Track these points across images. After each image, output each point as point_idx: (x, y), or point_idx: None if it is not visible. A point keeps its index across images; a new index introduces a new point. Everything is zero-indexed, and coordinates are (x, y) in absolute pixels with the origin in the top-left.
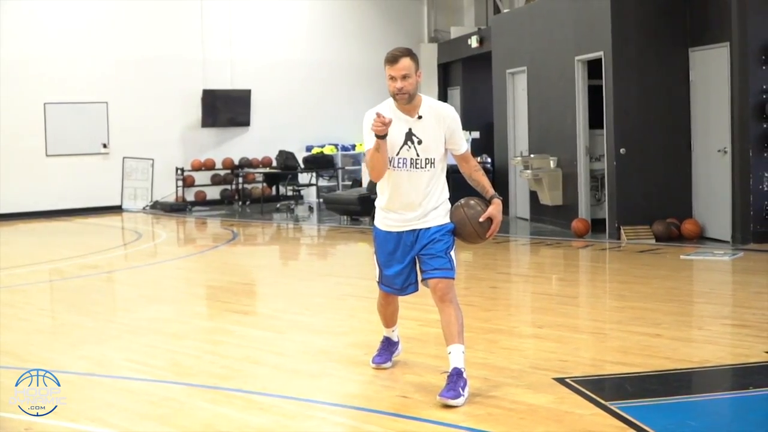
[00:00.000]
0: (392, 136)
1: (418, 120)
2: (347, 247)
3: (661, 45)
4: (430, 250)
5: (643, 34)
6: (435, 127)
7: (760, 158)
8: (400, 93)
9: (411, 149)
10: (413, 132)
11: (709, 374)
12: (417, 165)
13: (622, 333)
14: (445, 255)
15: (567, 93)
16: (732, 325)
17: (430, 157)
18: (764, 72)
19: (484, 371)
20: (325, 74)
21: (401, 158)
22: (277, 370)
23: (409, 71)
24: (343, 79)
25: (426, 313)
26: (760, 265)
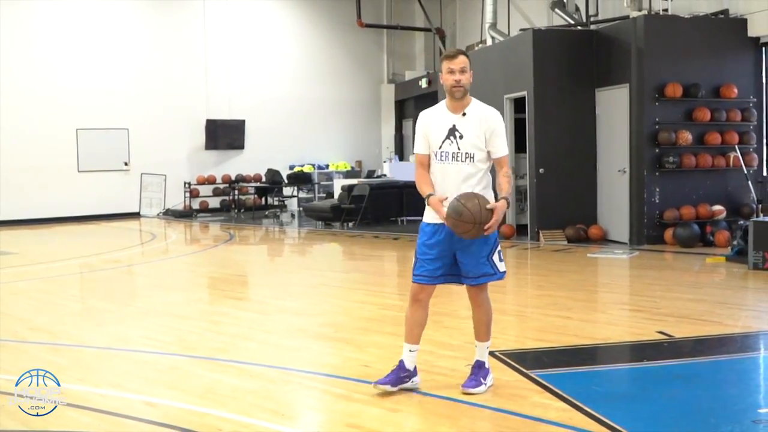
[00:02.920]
0: (436, 130)
1: (463, 117)
2: (321, 246)
3: (573, 86)
4: (471, 256)
5: (558, 77)
6: (477, 126)
7: (652, 177)
8: (457, 85)
9: (453, 143)
10: (456, 127)
11: (610, 349)
12: (458, 158)
13: (540, 315)
14: (487, 261)
15: None
16: (629, 309)
17: (470, 152)
18: (656, 108)
19: (430, 346)
20: (305, 107)
21: (444, 152)
22: (264, 345)
23: (465, 66)
24: (320, 111)
25: (384, 299)
26: (652, 262)
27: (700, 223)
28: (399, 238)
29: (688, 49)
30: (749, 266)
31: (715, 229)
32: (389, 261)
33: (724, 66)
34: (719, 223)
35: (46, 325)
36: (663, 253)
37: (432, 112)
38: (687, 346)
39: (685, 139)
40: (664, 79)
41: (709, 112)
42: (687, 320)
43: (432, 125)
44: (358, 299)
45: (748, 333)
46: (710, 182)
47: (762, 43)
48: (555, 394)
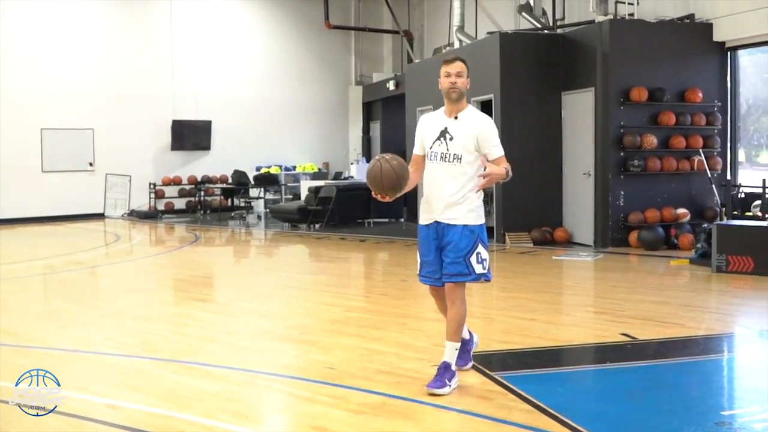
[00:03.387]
0: (430, 132)
1: (455, 120)
2: (288, 248)
3: (539, 89)
4: (449, 254)
5: (525, 80)
6: (468, 129)
7: (617, 180)
8: (453, 87)
9: (443, 144)
10: (448, 130)
11: (574, 351)
12: (446, 159)
13: (505, 317)
14: (462, 261)
15: None
16: (593, 311)
17: (458, 153)
18: (621, 112)
19: (395, 348)
20: (272, 109)
21: (434, 152)
22: (229, 347)
23: (462, 70)
24: (287, 113)
25: (349, 301)
26: (617, 265)
27: (664, 226)
28: (365, 241)
29: (654, 53)
30: (713, 269)
31: (680, 232)
32: (356, 263)
33: (689, 70)
34: (683, 226)
35: (9, 327)
36: (627, 256)
37: (430, 116)
38: (650, 348)
39: (650, 143)
40: (629, 83)
41: (674, 116)
42: (651, 322)
43: (427, 127)
44: (324, 301)
45: (711, 335)
46: (675, 185)
47: (727, 47)
48: (519, 396)
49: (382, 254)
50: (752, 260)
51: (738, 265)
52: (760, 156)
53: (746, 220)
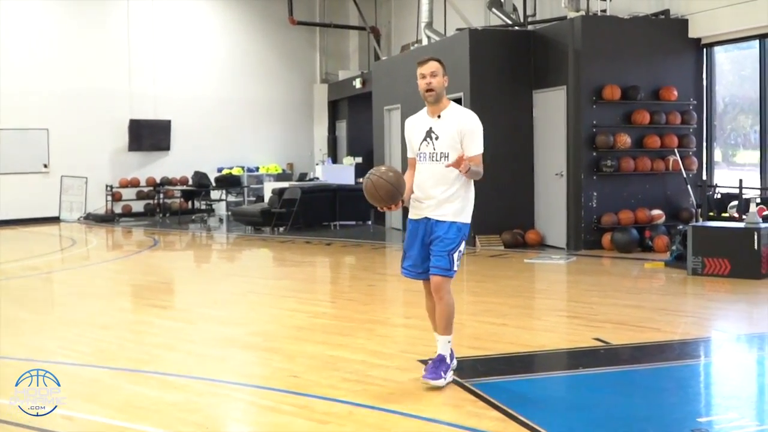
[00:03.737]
0: (416, 134)
1: (438, 119)
2: (251, 252)
3: (510, 87)
4: (435, 247)
5: (496, 78)
6: (451, 127)
7: (590, 180)
8: (429, 89)
9: (429, 144)
10: (432, 129)
11: (546, 357)
12: (434, 158)
13: (476, 323)
14: (447, 256)
15: None
16: (566, 316)
17: (444, 152)
18: (594, 110)
19: (362, 355)
20: (235, 107)
21: (422, 153)
22: (189, 355)
23: (436, 70)
24: (249, 112)
25: (315, 306)
26: (590, 267)
27: (638, 227)
28: (331, 244)
29: (627, 50)
30: (688, 272)
31: (654, 234)
32: (321, 267)
33: (663, 68)
34: (658, 228)
35: None
36: (601, 259)
37: (414, 118)
38: (624, 353)
39: (624, 143)
40: (602, 81)
41: (648, 114)
42: (624, 327)
43: (412, 129)
44: (288, 307)
45: (686, 340)
46: (649, 186)
47: (703, 44)
48: (489, 404)
49: (348, 258)
50: (728, 263)
51: (714, 267)
52: (736, 156)
53: (722, 221)
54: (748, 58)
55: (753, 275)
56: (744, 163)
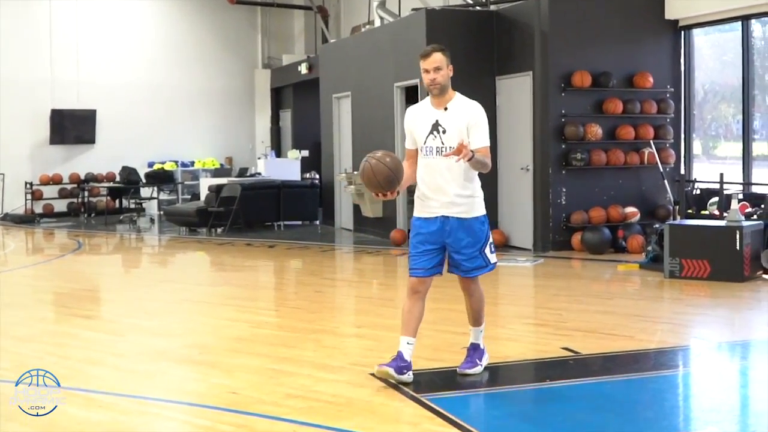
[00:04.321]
0: (420, 126)
1: (445, 111)
2: (185, 256)
3: (471, 73)
4: (466, 250)
5: (455, 63)
6: (459, 119)
7: (558, 175)
8: (433, 84)
9: (436, 138)
10: (439, 122)
11: (510, 368)
12: (441, 152)
13: (434, 332)
14: (480, 255)
15: (386, 116)
16: (532, 324)
17: (453, 145)
18: (563, 98)
19: (308, 368)
20: (167, 95)
21: (428, 147)
22: (116, 370)
23: (440, 64)
24: (184, 100)
25: (257, 316)
26: (558, 270)
27: (611, 226)
28: (275, 246)
29: (599, 33)
30: (665, 274)
31: (628, 234)
32: (264, 272)
33: (638, 52)
34: (632, 227)
35: None
36: (570, 261)
37: (416, 109)
38: (595, 363)
39: (595, 134)
40: (571, 67)
41: (622, 103)
42: (595, 335)
43: (416, 121)
44: (227, 317)
45: (663, 349)
46: (622, 181)
47: (681, 26)
48: (449, 420)
49: (294, 262)
50: (708, 264)
51: (693, 269)
52: (717, 148)
53: (702, 219)
54: (730, 42)
55: (735, 278)
56: (725, 156)
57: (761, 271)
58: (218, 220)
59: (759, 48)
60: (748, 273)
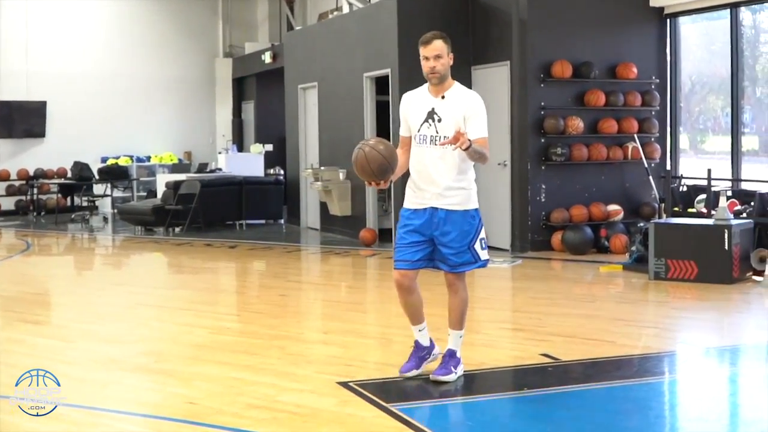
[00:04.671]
0: (416, 113)
1: (442, 100)
2: (141, 257)
3: None
4: (454, 244)
5: None
6: (455, 109)
7: (537, 171)
8: (433, 72)
9: (431, 127)
10: (435, 111)
11: (486, 376)
12: (435, 142)
13: (406, 338)
14: (468, 250)
15: (356, 108)
16: (510, 329)
17: (448, 135)
18: (542, 90)
19: (271, 377)
20: (122, 86)
21: (422, 135)
22: (66, 379)
23: (441, 52)
24: (140, 91)
25: (218, 321)
26: (538, 272)
27: (593, 225)
28: (236, 247)
29: (580, 21)
30: (650, 276)
31: (611, 233)
32: (225, 275)
33: (621, 41)
34: (615, 226)
35: None
36: (550, 261)
37: (412, 95)
38: (576, 370)
39: (576, 127)
40: (551, 57)
41: (604, 95)
42: (576, 340)
43: (411, 108)
44: (184, 322)
45: (647, 354)
46: (605, 178)
47: (666, 14)
48: None
49: (257, 263)
50: (695, 265)
51: (679, 270)
52: (705, 142)
53: (689, 217)
54: (719, 30)
55: (723, 279)
56: (714, 151)
57: (751, 272)
58: (176, 219)
59: (749, 37)
60: (738, 274)
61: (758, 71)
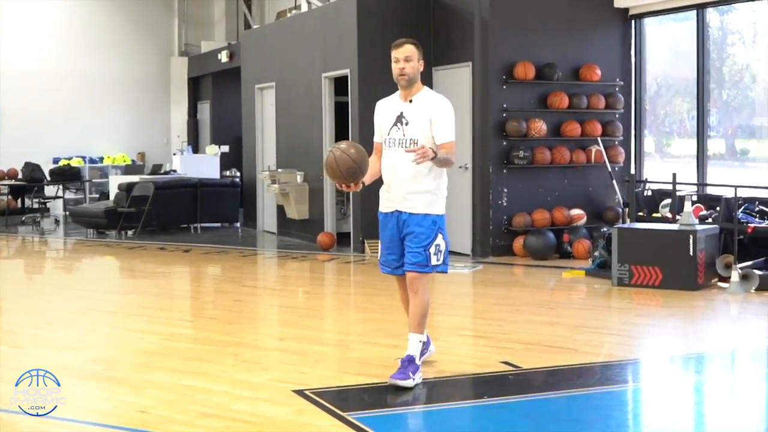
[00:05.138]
0: (385, 117)
1: (410, 104)
2: (93, 261)
3: None
4: (410, 243)
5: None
6: (423, 112)
7: (499, 174)
8: (402, 74)
9: (399, 130)
10: (403, 114)
11: (445, 384)
12: (403, 144)
13: (363, 345)
14: (422, 251)
15: (314, 109)
16: (470, 336)
17: (414, 138)
18: (504, 92)
19: (225, 385)
20: (75, 85)
21: (391, 138)
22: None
23: (411, 55)
24: (93, 90)
25: (171, 327)
26: (499, 278)
27: (555, 230)
28: (191, 251)
29: (543, 21)
30: (613, 282)
31: (574, 238)
32: (179, 279)
33: (585, 42)
34: (578, 231)
35: None
36: (512, 267)
37: (385, 101)
38: (537, 378)
39: (538, 130)
40: (513, 58)
41: (567, 97)
42: (538, 348)
43: (382, 113)
44: (137, 328)
45: (610, 362)
46: (568, 182)
47: (631, 15)
48: None
49: (212, 268)
50: (660, 271)
51: (643, 276)
52: (671, 145)
53: (653, 222)
54: (685, 32)
55: (688, 286)
56: (680, 155)
57: (716, 278)
58: (129, 222)
59: (716, 39)
60: (703, 281)
61: (725, 73)
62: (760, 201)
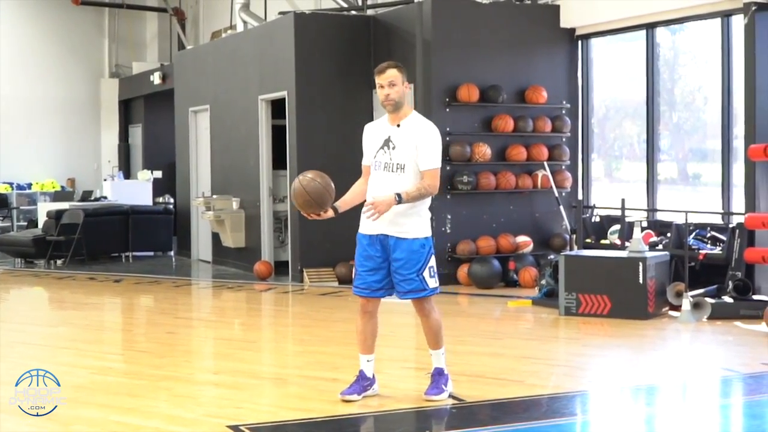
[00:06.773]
0: (373, 141)
1: (397, 128)
2: (20, 292)
3: (345, 85)
4: (403, 270)
5: (327, 74)
6: (409, 138)
7: (443, 200)
8: (387, 100)
9: (386, 153)
10: (390, 138)
11: (386, 419)
12: (389, 168)
13: (301, 378)
14: (416, 277)
15: (250, 132)
16: (412, 368)
17: (401, 162)
18: (447, 114)
19: (156, 420)
20: (1, 108)
21: (378, 161)
22: None
23: (395, 80)
24: (21, 114)
25: (100, 361)
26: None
27: (501, 258)
28: (122, 281)
29: (487, 42)
30: (560, 311)
31: (520, 266)
32: (109, 311)
33: (530, 64)
34: (524, 258)
35: None
36: (456, 296)
37: (373, 124)
38: (481, 412)
39: (483, 154)
40: (456, 79)
41: (512, 120)
42: (482, 380)
43: (370, 136)
44: (65, 362)
45: (557, 395)
46: (513, 207)
47: (578, 35)
48: None
49: (144, 298)
50: (609, 299)
51: (591, 305)
52: (621, 170)
53: (602, 249)
54: (634, 52)
55: (638, 315)
56: (630, 179)
57: (667, 307)
58: (58, 251)
59: (667, 59)
60: (653, 309)
61: (677, 95)
62: (712, 227)
